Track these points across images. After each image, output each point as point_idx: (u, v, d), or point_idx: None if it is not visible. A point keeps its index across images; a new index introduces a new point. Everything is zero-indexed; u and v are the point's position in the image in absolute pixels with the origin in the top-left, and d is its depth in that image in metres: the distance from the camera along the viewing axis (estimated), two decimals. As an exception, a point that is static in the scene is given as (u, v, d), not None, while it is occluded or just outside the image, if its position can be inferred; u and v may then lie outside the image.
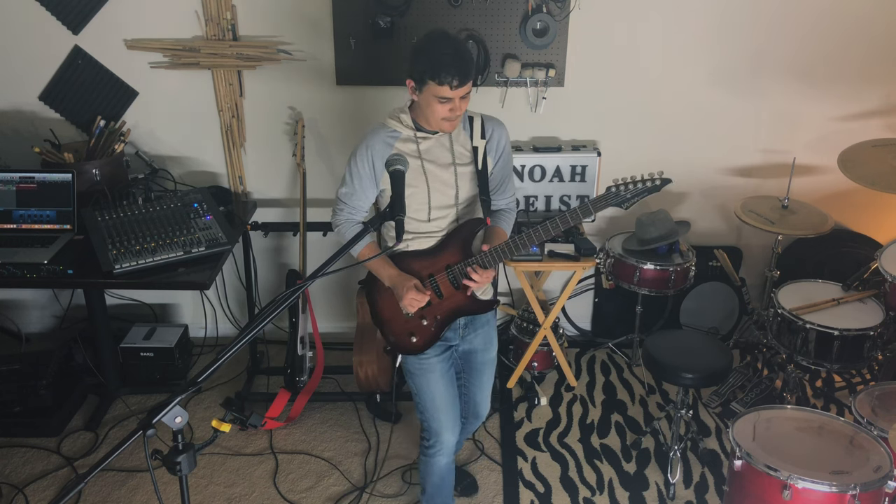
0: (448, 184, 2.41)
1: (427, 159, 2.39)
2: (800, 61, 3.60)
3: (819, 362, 3.16)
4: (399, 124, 2.39)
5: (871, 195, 3.55)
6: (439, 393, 2.54)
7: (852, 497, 2.28)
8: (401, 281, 2.41)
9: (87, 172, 3.32)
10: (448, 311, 2.49)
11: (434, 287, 2.46)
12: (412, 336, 2.49)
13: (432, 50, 2.23)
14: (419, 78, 2.26)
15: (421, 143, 2.39)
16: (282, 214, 3.87)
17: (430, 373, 2.53)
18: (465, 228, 2.46)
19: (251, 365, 3.80)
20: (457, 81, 2.21)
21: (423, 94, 2.29)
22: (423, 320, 2.48)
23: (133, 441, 1.58)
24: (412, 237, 2.46)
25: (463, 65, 2.22)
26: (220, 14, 3.46)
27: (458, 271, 2.43)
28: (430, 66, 2.21)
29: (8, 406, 3.42)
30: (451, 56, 2.21)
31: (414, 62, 2.27)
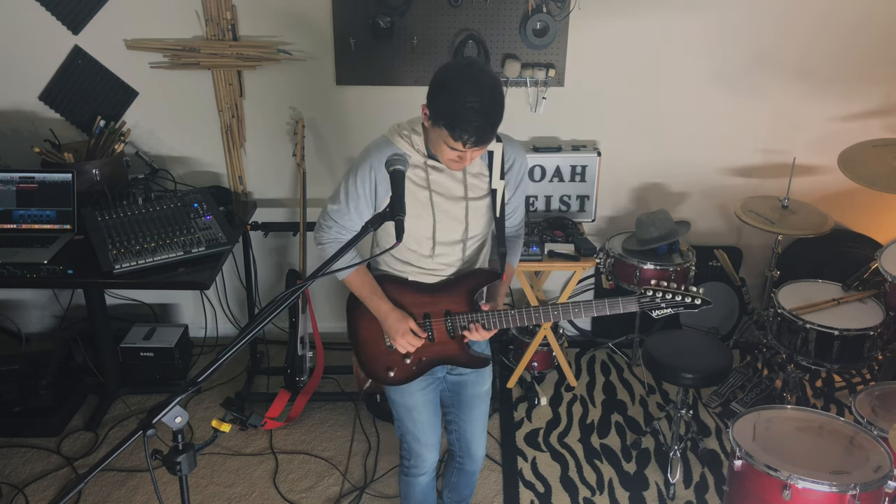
0: (457, 218, 2.18)
1: (436, 191, 2.15)
2: (800, 61, 3.60)
3: (819, 362, 3.16)
4: (410, 147, 2.12)
5: (871, 195, 3.56)
6: (421, 421, 2.40)
7: (852, 497, 2.28)
8: (395, 319, 2.22)
9: (87, 172, 3.32)
10: (436, 356, 2.31)
11: (427, 329, 2.27)
12: (389, 370, 2.32)
13: (457, 95, 1.92)
14: (434, 115, 1.98)
15: (431, 172, 2.14)
16: (282, 214, 3.87)
17: (414, 406, 2.38)
18: (476, 278, 2.25)
19: (251, 365, 3.80)
20: (472, 142, 1.95)
21: (434, 130, 2.01)
22: (405, 358, 2.30)
23: (133, 441, 1.58)
24: (413, 270, 2.26)
25: (485, 126, 1.93)
26: (220, 14, 3.46)
27: (458, 322, 2.25)
28: (448, 114, 1.93)
29: (8, 406, 3.42)
30: (473, 113, 1.91)
31: (434, 95, 1.97)
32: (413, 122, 2.15)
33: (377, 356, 2.33)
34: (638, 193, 3.87)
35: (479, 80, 1.93)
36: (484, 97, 1.92)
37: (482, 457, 2.60)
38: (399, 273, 2.28)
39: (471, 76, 1.94)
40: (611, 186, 3.80)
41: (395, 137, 2.14)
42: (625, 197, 3.88)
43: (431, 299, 2.26)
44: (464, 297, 2.25)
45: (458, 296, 2.25)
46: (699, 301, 2.17)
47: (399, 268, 2.28)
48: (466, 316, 2.24)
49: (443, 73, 1.98)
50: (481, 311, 2.24)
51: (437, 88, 1.97)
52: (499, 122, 1.98)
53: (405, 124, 2.15)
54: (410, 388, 2.35)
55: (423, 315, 2.27)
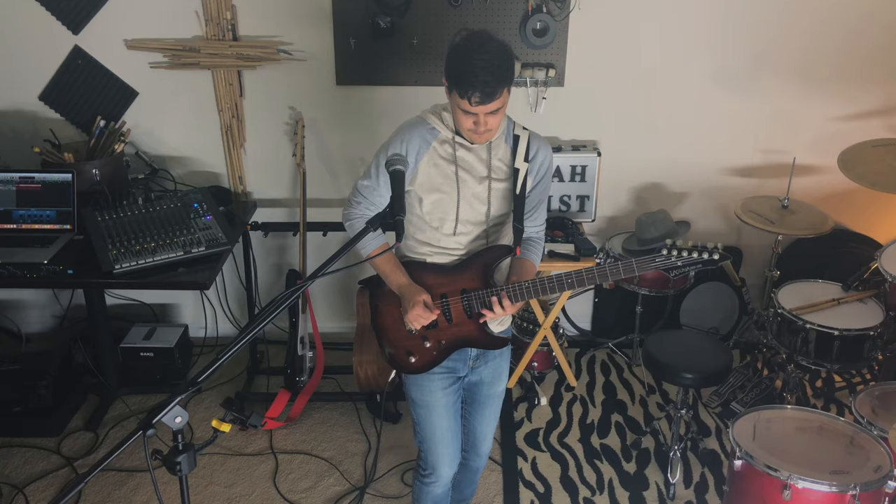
0: (480, 198, 2.23)
1: (462, 167, 2.20)
2: (800, 61, 3.60)
3: (819, 362, 3.16)
4: (440, 123, 2.20)
5: (871, 195, 3.56)
6: (441, 427, 2.38)
7: (852, 497, 2.28)
8: (410, 292, 2.21)
9: (87, 172, 3.32)
10: (454, 338, 2.30)
11: (445, 309, 2.27)
12: (410, 355, 2.32)
13: (463, 56, 2.03)
14: (447, 81, 2.09)
15: (458, 149, 2.20)
16: (282, 214, 3.87)
17: (434, 407, 2.36)
18: (490, 253, 2.26)
19: (251, 365, 3.80)
20: (477, 97, 2.02)
21: (450, 99, 2.11)
22: (425, 341, 2.29)
23: (133, 441, 1.58)
24: (432, 250, 2.28)
25: (489, 80, 2.00)
26: (220, 14, 3.46)
27: (474, 298, 2.23)
28: (455, 74, 2.03)
29: (8, 406, 3.42)
30: (478, 69, 1.99)
31: (447, 61, 2.08)
32: (445, 104, 2.21)
33: (398, 341, 2.34)
34: (638, 193, 3.87)
35: (485, 43, 2.04)
36: (490, 55, 2.01)
37: (487, 454, 2.61)
38: (418, 255, 2.30)
39: (477, 39, 2.05)
40: (611, 186, 3.80)
41: (427, 115, 2.23)
42: (625, 197, 3.88)
43: (448, 279, 2.26)
44: (479, 274, 2.25)
45: (474, 273, 2.25)
46: (717, 256, 2.10)
47: (419, 249, 2.30)
48: (482, 293, 2.23)
49: (454, 43, 2.09)
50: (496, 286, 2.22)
51: (450, 55, 2.07)
52: (505, 80, 2.05)
53: (439, 105, 2.24)
54: (431, 385, 2.35)
55: (440, 295, 2.27)
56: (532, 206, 2.31)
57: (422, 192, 2.21)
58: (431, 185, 2.20)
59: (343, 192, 3.84)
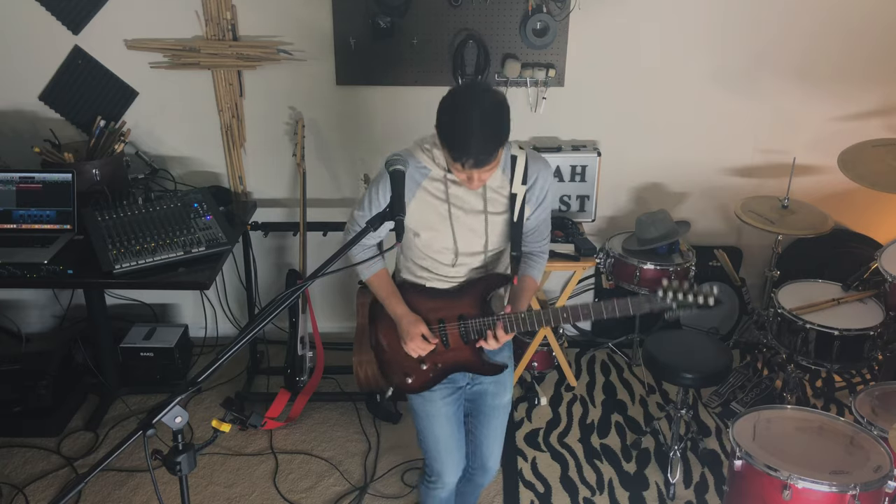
0: (476, 232, 2.20)
1: (455, 205, 2.17)
2: (800, 61, 3.60)
3: (819, 362, 3.16)
4: (431, 161, 2.15)
5: (871, 195, 3.56)
6: (444, 436, 2.38)
7: (852, 497, 2.28)
8: (408, 322, 2.24)
9: (87, 172, 3.32)
10: (451, 362, 2.32)
11: (442, 334, 2.28)
12: (407, 376, 2.34)
13: (455, 117, 1.95)
14: (440, 138, 2.01)
15: (451, 186, 2.16)
16: (282, 214, 3.87)
17: (436, 416, 2.37)
18: (487, 282, 2.26)
19: (251, 365, 3.80)
20: (471, 163, 1.96)
21: (443, 153, 2.04)
22: (422, 364, 2.32)
23: (133, 441, 1.58)
24: (432, 276, 2.28)
25: (482, 148, 1.94)
26: (220, 14, 3.46)
27: (471, 326, 2.25)
28: (448, 137, 1.97)
29: (8, 406, 3.42)
30: (472, 136, 1.92)
31: (439, 118, 2.00)
32: (436, 136, 2.12)
33: (397, 362, 2.35)
34: (638, 193, 3.87)
35: (480, 100, 1.95)
36: (484, 118, 1.93)
37: (494, 471, 2.58)
38: (418, 279, 2.31)
39: (470, 97, 1.96)
40: (611, 186, 3.80)
41: (416, 151, 2.18)
42: (625, 197, 3.88)
43: (446, 304, 2.27)
44: (476, 301, 2.25)
45: (471, 300, 2.26)
46: (712, 301, 2.12)
47: (419, 274, 2.30)
48: (479, 320, 2.23)
49: (447, 98, 2.00)
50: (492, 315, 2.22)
51: (441, 113, 1.99)
52: (500, 143, 1.98)
53: (428, 138, 2.16)
54: (432, 395, 2.35)
55: (437, 320, 2.28)
56: (533, 227, 2.29)
57: (416, 228, 2.20)
58: (424, 223, 2.19)
59: (343, 192, 3.85)
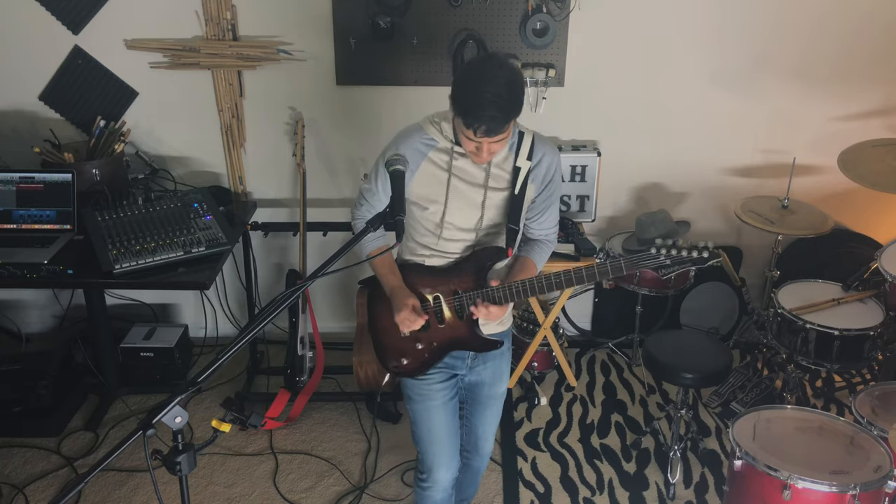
0: (473, 205, 2.21)
1: (457, 175, 2.19)
2: (800, 61, 3.60)
3: (819, 362, 3.16)
4: (438, 133, 2.18)
5: (871, 195, 3.55)
6: (438, 423, 2.36)
7: (852, 497, 2.28)
8: (400, 295, 2.24)
9: (87, 172, 3.32)
10: (447, 340, 2.30)
11: (437, 310, 2.28)
12: (402, 357, 2.34)
13: (472, 84, 1.98)
14: (454, 106, 2.05)
15: (456, 159, 2.18)
16: (282, 214, 3.87)
17: (430, 400, 2.35)
18: (483, 255, 2.26)
19: (251, 365, 3.80)
20: (483, 130, 1.99)
21: (455, 121, 2.08)
22: (417, 343, 2.31)
23: (133, 441, 1.58)
24: (431, 253, 2.29)
25: (496, 116, 1.97)
26: (220, 14, 3.46)
27: (465, 299, 2.23)
28: (462, 103, 2.00)
29: (8, 406, 3.42)
30: (487, 102, 1.95)
31: (455, 86, 2.04)
32: (446, 112, 2.19)
33: (392, 345, 2.36)
34: (638, 193, 3.87)
35: (496, 72, 1.98)
36: (499, 87, 1.96)
37: (489, 454, 2.62)
38: (417, 258, 2.32)
39: (488, 67, 2.00)
40: (611, 186, 3.80)
41: (425, 124, 2.22)
42: (625, 197, 3.88)
43: (441, 281, 2.28)
44: (470, 275, 2.25)
45: (466, 275, 2.26)
46: (706, 254, 2.08)
47: (417, 251, 2.32)
48: (472, 293, 2.22)
49: (464, 66, 2.08)
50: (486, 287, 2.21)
51: (458, 80, 2.04)
52: (513, 114, 2.02)
53: (439, 113, 2.22)
54: (428, 380, 2.35)
55: (433, 297, 2.28)
56: (540, 211, 2.30)
57: (416, 199, 2.23)
58: (425, 194, 2.21)
59: (343, 192, 3.84)
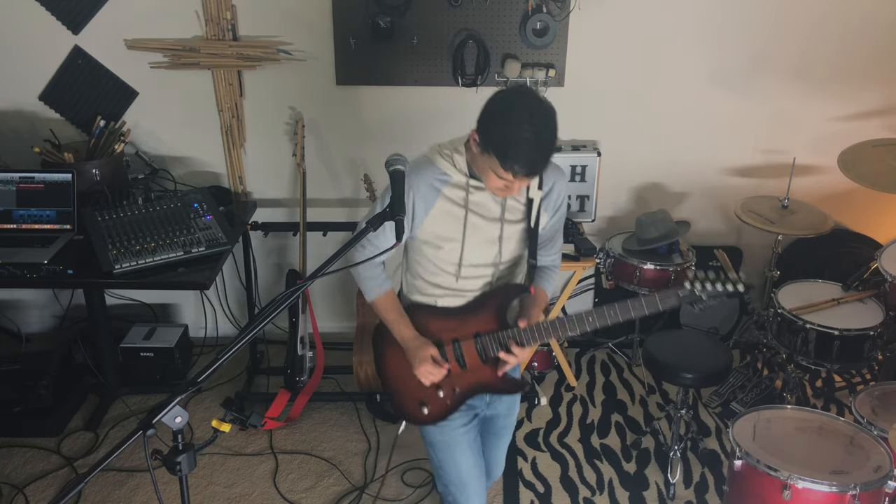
0: (491, 240, 2.11)
1: (474, 211, 2.08)
2: (800, 61, 3.61)
3: (819, 362, 3.16)
4: (451, 166, 2.06)
5: (871, 195, 3.55)
6: (466, 466, 2.26)
7: (852, 497, 2.28)
8: (416, 346, 2.12)
9: (87, 172, 3.32)
10: (470, 384, 2.19)
11: (457, 355, 2.16)
12: (423, 406, 2.20)
13: (510, 124, 1.89)
14: (484, 142, 1.94)
15: (472, 193, 2.07)
16: (282, 214, 3.87)
17: (457, 446, 2.25)
18: (503, 293, 2.17)
19: (251, 365, 3.80)
20: (523, 172, 1.91)
21: (482, 157, 1.96)
22: (438, 390, 2.18)
23: (133, 441, 1.58)
24: (444, 293, 2.17)
25: (538, 159, 1.91)
26: (220, 14, 3.46)
27: (488, 342, 2.14)
28: (500, 143, 1.89)
29: (8, 406, 3.42)
30: (528, 144, 1.88)
31: (486, 122, 1.94)
32: (455, 142, 2.10)
33: (409, 392, 2.21)
34: (638, 193, 3.87)
35: (533, 109, 1.91)
36: (537, 127, 1.89)
37: (500, 474, 2.60)
38: (427, 298, 2.20)
39: (524, 105, 1.91)
40: (611, 186, 3.80)
41: (435, 157, 2.09)
42: (625, 197, 3.88)
43: (459, 323, 2.16)
44: (492, 316, 2.15)
45: (487, 315, 2.16)
46: (741, 287, 2.06)
47: (428, 291, 2.20)
48: (496, 334, 2.14)
49: (496, 102, 1.95)
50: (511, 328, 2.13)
51: (490, 116, 1.93)
52: (552, 153, 1.95)
53: (447, 144, 2.11)
54: (452, 423, 2.23)
55: (451, 341, 2.17)
56: (548, 237, 2.24)
57: (429, 238, 2.11)
58: (440, 233, 2.10)
59: (343, 193, 3.85)
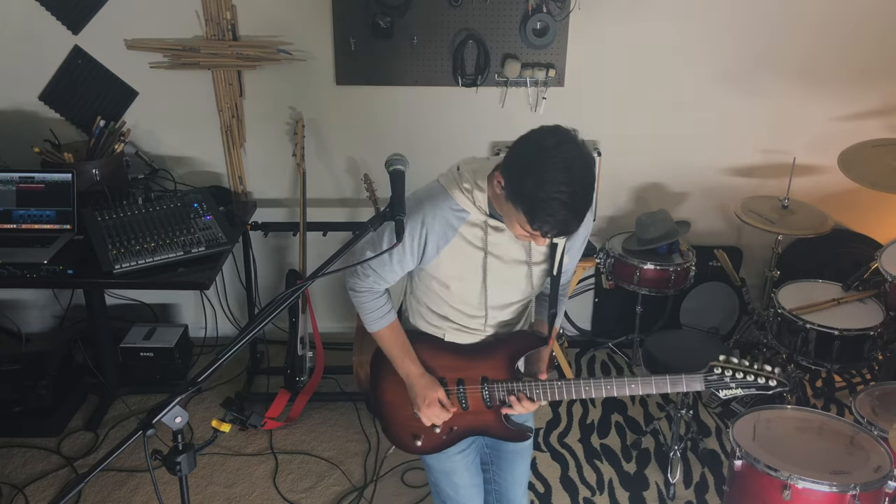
0: (512, 284, 1.97)
1: (493, 254, 1.91)
2: (800, 61, 3.60)
3: (819, 362, 3.16)
4: (470, 203, 1.87)
5: (871, 195, 3.55)
6: (464, 486, 2.18)
7: (852, 497, 2.28)
8: (423, 386, 2.02)
9: (87, 172, 3.32)
10: (470, 426, 2.10)
11: (460, 396, 2.06)
12: (415, 438, 2.11)
13: (543, 181, 1.66)
14: (512, 195, 1.72)
15: (491, 234, 1.89)
16: (282, 214, 3.87)
17: (453, 472, 2.17)
18: (520, 342, 2.06)
19: (251, 365, 3.80)
20: (554, 233, 1.73)
21: (508, 206, 1.76)
22: (434, 427, 2.08)
23: (133, 441, 1.57)
24: (452, 327, 2.05)
25: (571, 220, 1.70)
26: (220, 14, 3.46)
27: (496, 390, 2.03)
28: (531, 201, 1.68)
29: (8, 406, 3.42)
30: (562, 206, 1.67)
31: (514, 172, 1.72)
32: (476, 175, 1.88)
33: (403, 422, 2.12)
34: (638, 193, 3.87)
35: (572, 164, 1.67)
36: (574, 187, 1.67)
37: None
38: (434, 329, 2.08)
39: (562, 159, 1.67)
40: (611, 186, 3.80)
41: (453, 190, 1.88)
42: (625, 197, 3.88)
43: (467, 363, 2.05)
44: (503, 364, 2.04)
45: (498, 361, 2.04)
46: (774, 382, 1.94)
47: (436, 322, 2.07)
48: (506, 385, 2.03)
49: (528, 146, 1.72)
50: (525, 380, 2.03)
51: (521, 166, 1.71)
52: (586, 214, 1.74)
53: (467, 176, 1.88)
54: (448, 451, 2.15)
55: (456, 381, 2.06)
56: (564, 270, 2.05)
57: (444, 279, 1.96)
58: (453, 273, 1.95)
59: (343, 193, 3.84)
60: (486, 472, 2.32)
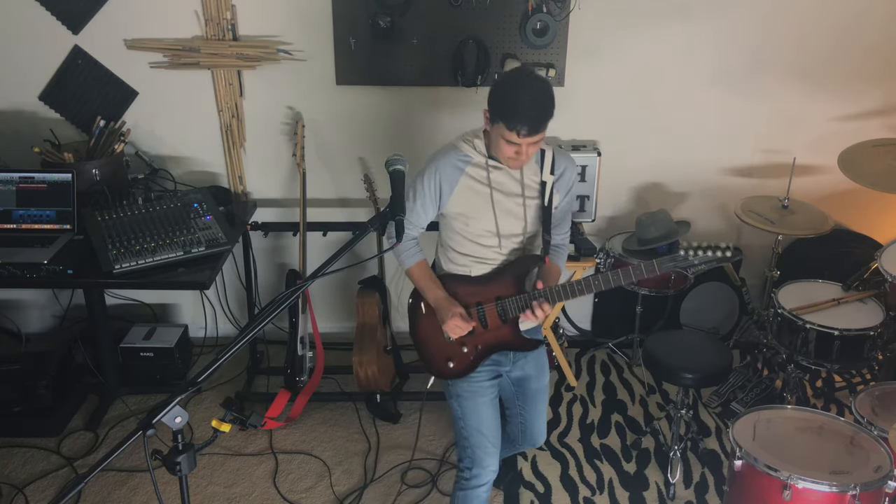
0: (515, 215, 2.42)
1: (496, 189, 2.39)
2: (800, 61, 3.61)
3: (819, 362, 3.16)
4: (472, 150, 2.39)
5: (871, 195, 3.55)
6: (486, 418, 2.51)
7: (852, 497, 2.28)
8: (447, 305, 2.43)
9: (87, 172, 3.32)
10: (490, 342, 2.49)
11: (480, 316, 2.46)
12: (449, 361, 2.50)
13: (510, 91, 2.22)
14: (492, 113, 2.27)
15: (492, 171, 2.39)
16: (282, 214, 3.87)
17: (480, 397, 2.51)
18: (522, 263, 2.46)
19: (251, 365, 3.80)
20: (525, 131, 2.21)
21: (493, 129, 2.30)
22: (463, 347, 2.49)
23: (133, 441, 1.58)
24: (475, 261, 2.46)
25: (536, 116, 2.22)
26: (220, 14, 3.46)
27: (508, 304, 2.43)
28: (503, 108, 2.22)
29: (8, 406, 3.42)
30: (526, 104, 2.20)
31: (491, 96, 2.27)
32: (476, 130, 2.42)
33: (437, 350, 2.52)
34: (638, 193, 3.87)
35: (527, 80, 2.25)
36: (534, 90, 2.22)
37: (543, 441, 2.79)
38: (461, 268, 2.48)
39: (520, 76, 2.26)
40: (611, 186, 3.80)
41: (459, 143, 2.42)
42: (625, 197, 3.88)
43: (482, 289, 2.46)
44: (511, 282, 2.44)
45: (507, 281, 2.44)
46: (729, 254, 2.31)
47: (462, 262, 2.48)
48: (516, 297, 2.41)
49: (498, 80, 2.32)
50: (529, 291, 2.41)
51: (493, 91, 2.27)
52: (550, 114, 2.24)
53: (469, 132, 2.43)
54: (478, 376, 2.51)
55: (475, 304, 2.46)
56: (560, 218, 2.52)
57: (459, 214, 2.40)
58: (467, 208, 2.39)
59: (343, 193, 3.85)
60: (513, 408, 2.70)
